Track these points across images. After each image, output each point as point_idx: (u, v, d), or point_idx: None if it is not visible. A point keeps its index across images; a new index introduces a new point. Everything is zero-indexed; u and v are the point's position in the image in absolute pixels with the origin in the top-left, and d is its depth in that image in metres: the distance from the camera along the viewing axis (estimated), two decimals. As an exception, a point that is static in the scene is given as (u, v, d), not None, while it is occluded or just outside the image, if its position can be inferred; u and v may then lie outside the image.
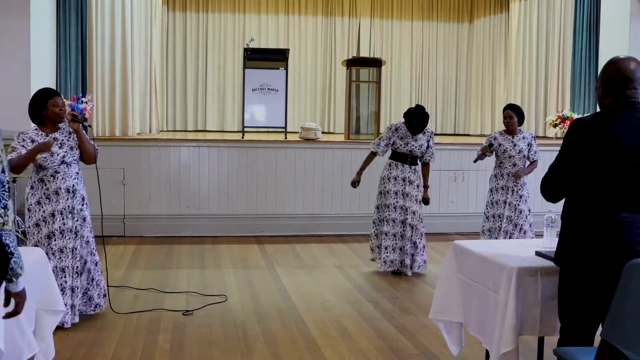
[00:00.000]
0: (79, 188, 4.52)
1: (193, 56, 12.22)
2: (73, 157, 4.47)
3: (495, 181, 6.16)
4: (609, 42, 9.40)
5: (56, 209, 4.41)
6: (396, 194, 6.09)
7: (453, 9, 13.13)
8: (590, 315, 2.78)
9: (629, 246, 2.66)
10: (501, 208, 6.07)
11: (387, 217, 6.10)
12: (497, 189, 6.12)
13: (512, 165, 6.06)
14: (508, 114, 6.06)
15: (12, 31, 7.67)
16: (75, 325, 4.47)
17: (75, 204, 4.48)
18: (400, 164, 6.11)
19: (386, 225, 6.10)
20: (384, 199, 6.14)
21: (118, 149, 7.79)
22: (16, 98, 7.68)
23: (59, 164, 4.40)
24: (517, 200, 6.03)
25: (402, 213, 6.09)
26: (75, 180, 4.49)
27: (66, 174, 4.43)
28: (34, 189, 4.44)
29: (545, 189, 2.88)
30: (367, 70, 9.09)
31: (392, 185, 6.10)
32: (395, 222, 6.09)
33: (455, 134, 12.99)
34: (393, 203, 6.09)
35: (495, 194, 6.13)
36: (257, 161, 8.03)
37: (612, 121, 2.69)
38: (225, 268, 6.36)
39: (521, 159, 6.06)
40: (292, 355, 4.08)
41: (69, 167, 4.45)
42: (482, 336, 3.28)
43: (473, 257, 3.37)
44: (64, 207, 4.43)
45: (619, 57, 2.81)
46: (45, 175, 4.41)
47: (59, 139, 4.45)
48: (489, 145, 6.13)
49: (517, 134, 6.11)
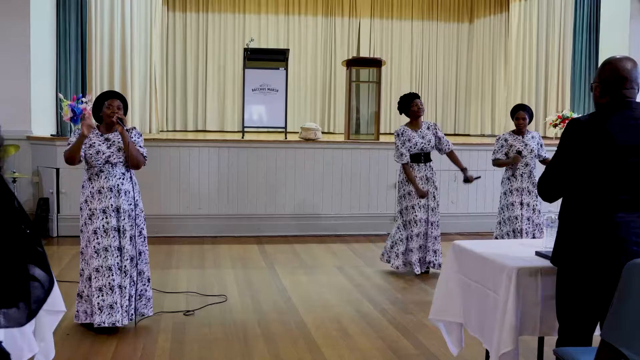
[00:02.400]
0: (125, 188, 4.51)
1: (193, 56, 12.23)
2: (119, 159, 4.48)
3: (509, 183, 6.12)
4: (609, 42, 9.40)
5: (99, 207, 4.43)
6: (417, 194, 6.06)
7: (453, 9, 13.13)
8: (588, 315, 2.79)
9: (625, 246, 2.66)
10: (517, 210, 6.05)
11: (414, 219, 6.07)
12: (512, 191, 6.08)
13: (524, 166, 6.06)
14: (521, 116, 6.05)
15: (12, 31, 7.68)
16: (75, 325, 4.47)
17: (122, 203, 4.47)
18: (416, 164, 6.09)
19: (414, 226, 6.06)
20: (407, 201, 6.09)
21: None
22: (16, 98, 7.70)
23: (104, 163, 4.45)
24: (535, 200, 6.03)
25: (426, 212, 6.10)
26: (120, 180, 4.49)
27: (110, 173, 4.47)
28: (84, 187, 4.53)
29: (542, 188, 2.89)
30: (367, 70, 9.09)
31: (412, 186, 6.07)
32: (421, 221, 6.08)
33: (455, 134, 13.00)
34: (417, 202, 6.07)
35: (510, 196, 6.08)
36: (257, 161, 8.03)
37: (609, 121, 2.69)
38: (225, 268, 6.36)
39: (532, 158, 6.08)
40: (292, 355, 4.08)
41: (114, 167, 4.48)
42: (482, 336, 3.28)
43: (473, 257, 3.37)
44: (107, 206, 4.44)
45: (616, 57, 2.81)
46: (92, 174, 4.49)
47: (111, 139, 4.49)
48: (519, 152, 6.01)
49: (526, 134, 6.12)
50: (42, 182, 7.76)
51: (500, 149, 6.13)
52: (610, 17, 9.47)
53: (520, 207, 6.04)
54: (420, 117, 6.13)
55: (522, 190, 6.05)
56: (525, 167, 6.07)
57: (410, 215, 6.07)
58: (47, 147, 7.71)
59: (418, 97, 6.18)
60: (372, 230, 8.08)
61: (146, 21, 10.22)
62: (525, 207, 6.03)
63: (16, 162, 7.21)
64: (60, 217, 7.62)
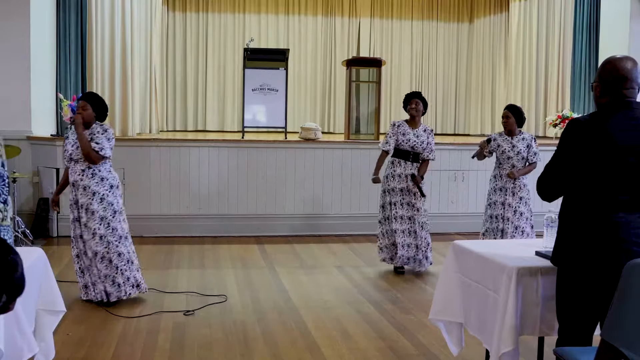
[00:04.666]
0: (84, 184, 4.88)
1: (193, 56, 12.23)
2: (79, 155, 4.87)
3: (494, 182, 6.12)
4: (609, 41, 9.40)
5: (69, 201, 5.00)
6: (401, 190, 6.10)
7: (453, 9, 13.13)
8: (588, 315, 2.79)
9: (625, 246, 2.66)
10: (499, 209, 6.02)
11: (395, 215, 6.12)
12: (495, 190, 6.08)
13: (510, 167, 6.00)
14: (505, 114, 6.03)
15: (12, 31, 7.68)
16: (75, 325, 4.48)
17: (80, 197, 4.89)
18: (403, 161, 6.12)
19: (395, 222, 6.12)
20: (390, 197, 6.14)
21: (118, 149, 7.70)
22: (16, 98, 7.69)
23: (69, 160, 4.94)
24: (517, 202, 5.95)
25: (409, 209, 6.12)
26: (80, 176, 4.88)
27: (73, 169, 4.93)
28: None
29: (540, 188, 2.89)
30: (367, 70, 9.08)
31: (397, 182, 6.11)
32: (403, 219, 6.12)
33: (455, 134, 13.00)
34: (399, 200, 6.11)
35: (494, 195, 6.09)
36: (257, 161, 8.03)
37: (609, 121, 2.69)
38: (225, 268, 6.36)
39: (520, 160, 5.96)
40: (292, 355, 4.08)
41: (76, 164, 4.89)
42: (482, 336, 3.28)
43: (473, 257, 3.37)
44: (71, 199, 4.98)
45: (616, 57, 2.80)
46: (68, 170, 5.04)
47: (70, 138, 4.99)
48: (487, 141, 6.08)
49: (516, 135, 6.06)
50: (42, 182, 7.76)
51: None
52: (610, 17, 9.47)
53: (502, 207, 6.02)
54: (415, 118, 6.15)
55: (505, 191, 6.02)
56: (511, 169, 5.97)
57: (391, 212, 6.14)
58: (47, 147, 7.71)
59: (418, 97, 6.19)
60: (372, 230, 8.04)
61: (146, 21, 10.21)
62: (507, 208, 5.99)
63: (16, 162, 7.21)
64: (60, 217, 7.61)
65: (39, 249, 3.37)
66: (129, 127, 9.15)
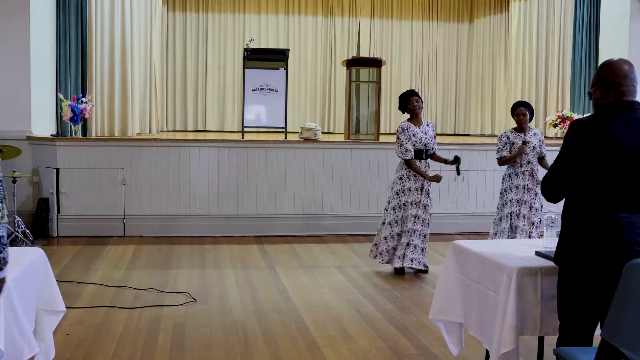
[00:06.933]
0: None
1: (193, 56, 12.23)
2: None
3: (509, 180, 6.13)
4: (609, 41, 9.41)
5: None
6: (417, 190, 6.08)
7: (453, 9, 13.13)
8: (589, 314, 2.79)
9: (627, 246, 2.67)
10: (514, 206, 6.06)
11: (412, 214, 6.06)
12: (511, 187, 6.09)
13: (526, 163, 6.06)
14: (522, 112, 6.05)
15: (12, 31, 7.67)
16: (75, 325, 4.48)
17: None
18: (418, 160, 6.11)
19: (412, 223, 6.06)
20: (406, 197, 6.09)
21: (118, 149, 7.79)
22: (16, 98, 7.69)
23: None
24: (533, 198, 6.05)
25: (424, 211, 6.11)
26: None
27: None
28: None
29: (545, 189, 2.89)
30: (367, 70, 9.08)
31: (414, 182, 6.08)
32: (418, 219, 6.07)
33: (455, 133, 13.00)
34: (416, 199, 6.08)
35: (510, 193, 6.09)
36: (257, 161, 8.03)
37: (611, 122, 2.70)
38: (225, 268, 6.36)
39: (534, 155, 6.07)
40: (292, 355, 4.08)
41: None
42: (482, 336, 3.28)
43: (473, 257, 3.37)
44: None
45: (613, 59, 2.84)
46: None
47: None
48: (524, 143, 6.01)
49: (528, 131, 6.11)
50: (42, 182, 7.76)
51: (504, 147, 6.14)
52: (610, 17, 9.47)
53: (517, 205, 6.05)
54: (419, 114, 6.16)
55: (522, 188, 6.05)
56: (527, 165, 6.06)
57: (407, 212, 6.09)
58: (47, 147, 7.71)
59: (415, 94, 6.20)
60: (372, 230, 8.03)
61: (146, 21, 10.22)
62: (523, 205, 6.04)
63: (16, 162, 7.21)
64: (60, 217, 7.62)
65: (39, 249, 3.36)
66: (129, 127, 9.15)
